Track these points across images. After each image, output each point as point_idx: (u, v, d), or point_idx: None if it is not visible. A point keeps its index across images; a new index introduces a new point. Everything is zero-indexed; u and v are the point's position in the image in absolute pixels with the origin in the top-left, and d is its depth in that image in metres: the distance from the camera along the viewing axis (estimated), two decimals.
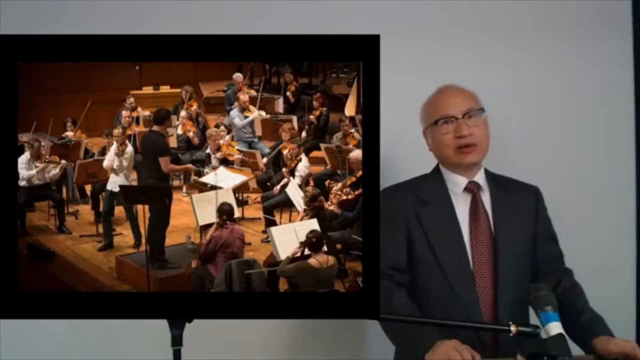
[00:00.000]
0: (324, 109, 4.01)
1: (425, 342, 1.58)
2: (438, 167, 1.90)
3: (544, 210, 1.90)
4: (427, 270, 1.81)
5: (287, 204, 3.36)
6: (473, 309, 1.75)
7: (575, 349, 1.62)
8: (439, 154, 1.86)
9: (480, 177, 1.85)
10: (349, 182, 3.19)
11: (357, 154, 3.19)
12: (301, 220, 2.99)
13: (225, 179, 3.43)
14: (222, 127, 3.89)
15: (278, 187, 3.49)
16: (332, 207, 3.08)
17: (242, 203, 3.53)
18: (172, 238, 3.15)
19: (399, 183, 1.95)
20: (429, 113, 1.87)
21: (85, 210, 3.53)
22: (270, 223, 3.28)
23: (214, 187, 3.36)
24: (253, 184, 3.63)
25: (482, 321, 1.74)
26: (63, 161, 3.33)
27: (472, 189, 1.84)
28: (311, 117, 4.01)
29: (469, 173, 1.84)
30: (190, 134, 3.98)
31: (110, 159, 3.33)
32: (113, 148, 3.34)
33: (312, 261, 2.56)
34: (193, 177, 3.67)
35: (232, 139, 3.90)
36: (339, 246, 2.90)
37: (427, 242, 1.80)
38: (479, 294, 1.76)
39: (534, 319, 1.52)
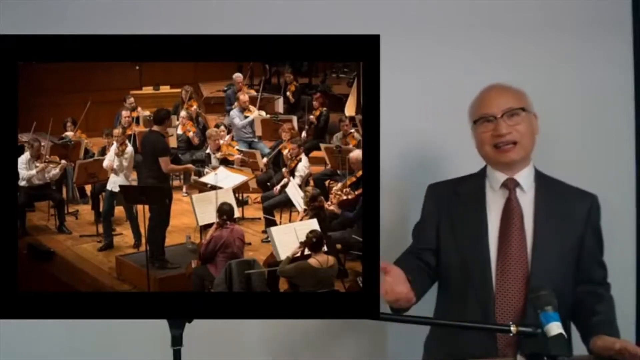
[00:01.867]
0: (324, 109, 4.00)
1: None
2: (485, 166, 1.93)
3: (596, 220, 1.87)
4: (448, 260, 1.89)
5: (287, 204, 3.35)
6: (486, 299, 1.77)
7: (578, 350, 1.62)
8: (480, 152, 1.89)
9: (522, 176, 1.85)
10: (349, 182, 3.18)
11: (357, 154, 3.18)
12: (301, 220, 2.98)
13: (225, 179, 3.43)
14: (222, 127, 3.88)
15: (278, 187, 3.48)
16: (332, 207, 3.07)
17: (242, 203, 3.52)
18: (172, 238, 3.14)
19: (445, 180, 2.02)
20: (472, 111, 1.90)
21: (85, 210, 3.52)
22: (270, 223, 3.27)
23: (214, 187, 3.34)
24: (253, 184, 3.62)
25: (483, 321, 1.74)
26: (63, 161, 3.32)
27: (510, 185, 1.84)
28: (311, 117, 3.99)
29: (509, 171, 1.85)
30: (190, 134, 3.97)
31: (110, 159, 3.32)
32: (113, 148, 3.33)
33: (312, 261, 2.55)
34: (193, 177, 3.66)
35: (232, 139, 3.89)
36: (339, 246, 2.90)
37: (451, 230, 1.88)
38: (496, 290, 1.76)
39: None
